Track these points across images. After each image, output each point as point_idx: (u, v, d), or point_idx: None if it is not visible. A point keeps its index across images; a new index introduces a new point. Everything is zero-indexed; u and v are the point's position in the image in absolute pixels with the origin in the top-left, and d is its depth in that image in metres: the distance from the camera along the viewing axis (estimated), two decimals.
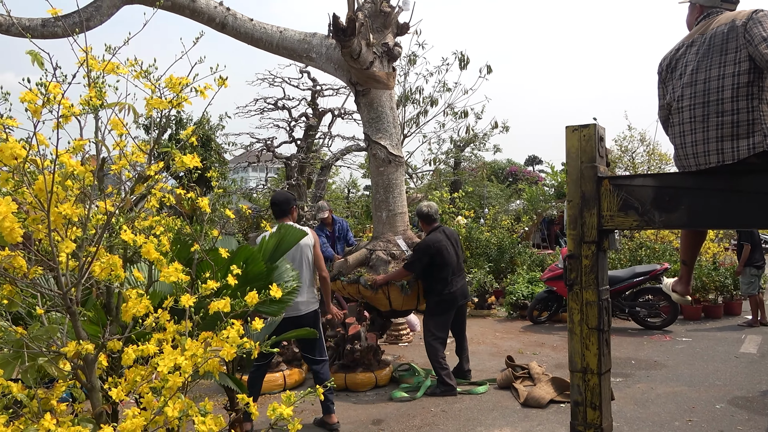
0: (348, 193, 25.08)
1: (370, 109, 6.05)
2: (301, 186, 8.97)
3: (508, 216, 19.93)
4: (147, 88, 2.14)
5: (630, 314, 8.40)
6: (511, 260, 12.32)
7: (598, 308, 2.64)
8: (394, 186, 6.01)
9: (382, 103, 6.04)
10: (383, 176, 6.01)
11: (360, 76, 5.93)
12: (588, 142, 2.69)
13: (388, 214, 5.98)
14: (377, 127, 6.01)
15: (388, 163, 5.97)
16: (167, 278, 1.89)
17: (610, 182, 2.64)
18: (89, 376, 1.72)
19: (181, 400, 1.56)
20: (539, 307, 9.05)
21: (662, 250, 11.01)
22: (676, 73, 2.56)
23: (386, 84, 6.02)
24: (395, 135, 6.07)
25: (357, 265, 5.79)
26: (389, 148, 5.96)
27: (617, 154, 19.31)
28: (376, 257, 5.74)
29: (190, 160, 1.81)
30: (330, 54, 6.24)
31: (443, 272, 5.39)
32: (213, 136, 11.83)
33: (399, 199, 6.03)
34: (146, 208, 2.26)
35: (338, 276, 5.75)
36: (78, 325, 1.72)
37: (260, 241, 3.39)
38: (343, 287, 5.75)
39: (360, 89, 6.04)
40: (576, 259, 2.71)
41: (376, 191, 6.07)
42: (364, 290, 5.55)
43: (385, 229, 5.99)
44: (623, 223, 2.63)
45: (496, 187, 27.59)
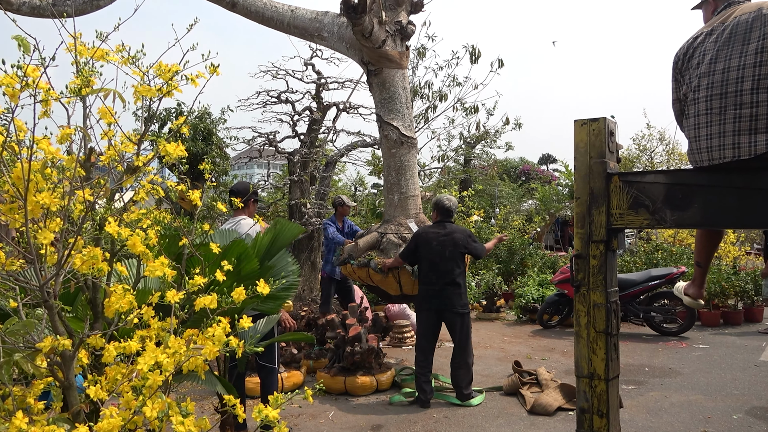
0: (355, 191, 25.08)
1: (382, 89, 6.05)
2: (304, 182, 8.96)
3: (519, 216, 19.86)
4: (136, 75, 2.14)
5: (644, 319, 8.33)
6: (522, 262, 12.28)
7: (606, 311, 2.60)
8: (407, 168, 6.01)
9: (395, 83, 6.03)
10: (395, 158, 6.01)
11: (372, 55, 5.92)
12: (597, 137, 2.65)
13: (400, 197, 5.98)
14: (389, 107, 6.02)
15: (400, 145, 5.97)
16: (152, 273, 1.88)
17: (620, 179, 2.60)
18: (66, 374, 1.70)
19: (161, 400, 1.54)
20: (550, 311, 9.00)
21: (679, 252, 10.92)
22: (693, 62, 2.51)
23: (399, 63, 6.00)
24: (408, 116, 6.07)
25: (367, 249, 5.79)
26: (401, 129, 5.96)
27: (635, 153, 19.18)
28: (387, 240, 5.74)
29: (174, 148, 1.79)
30: (342, 33, 6.24)
31: (422, 265, 5.25)
32: (215, 130, 11.85)
33: (411, 182, 6.03)
34: (136, 201, 2.26)
35: (348, 259, 5.77)
36: (55, 319, 1.70)
37: (237, 230, 3.37)
38: (354, 271, 5.77)
39: (372, 69, 6.04)
40: (583, 259, 2.67)
41: (388, 173, 6.08)
42: (374, 274, 5.55)
43: (396, 212, 5.99)
44: (633, 221, 2.59)
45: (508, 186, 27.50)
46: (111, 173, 2.30)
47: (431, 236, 5.21)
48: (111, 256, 2.10)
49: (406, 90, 6.14)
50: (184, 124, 2.32)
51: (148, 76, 2.12)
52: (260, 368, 4.35)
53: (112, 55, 2.22)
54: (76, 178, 1.95)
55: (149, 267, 1.90)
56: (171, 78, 2.17)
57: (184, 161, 2.26)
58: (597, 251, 2.64)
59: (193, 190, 2.39)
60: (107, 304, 1.88)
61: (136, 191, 2.23)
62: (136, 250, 1.93)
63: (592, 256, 2.65)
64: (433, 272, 5.19)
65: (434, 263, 5.18)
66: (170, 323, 1.85)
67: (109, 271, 1.94)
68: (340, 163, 12.07)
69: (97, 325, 2.12)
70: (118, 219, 2.05)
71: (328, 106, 9.59)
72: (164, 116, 11.50)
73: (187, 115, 2.41)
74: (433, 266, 5.18)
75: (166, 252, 2.32)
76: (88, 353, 1.89)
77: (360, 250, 5.76)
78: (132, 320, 1.79)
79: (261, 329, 3.60)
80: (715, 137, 2.36)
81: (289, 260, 3.27)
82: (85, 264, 1.70)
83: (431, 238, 5.20)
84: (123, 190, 2.37)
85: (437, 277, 5.18)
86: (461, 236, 5.28)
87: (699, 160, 2.43)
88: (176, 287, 2.04)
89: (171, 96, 2.21)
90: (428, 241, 5.19)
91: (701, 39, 2.52)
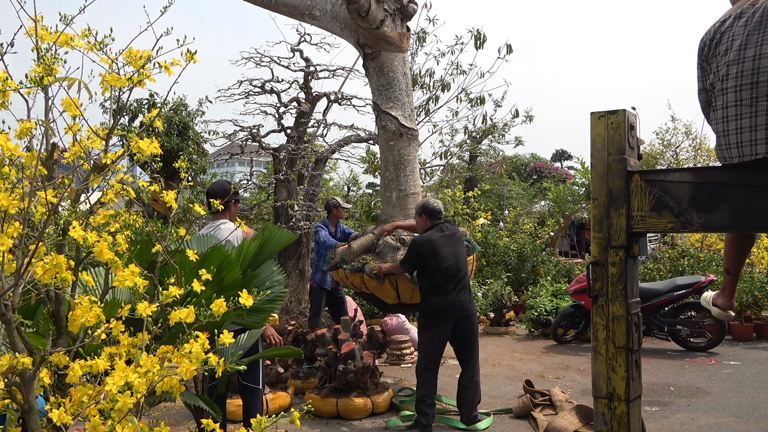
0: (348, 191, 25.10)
1: (379, 74, 6.02)
2: (291, 182, 8.97)
3: (530, 219, 19.91)
4: (104, 63, 2.14)
5: (669, 333, 8.35)
6: (534, 270, 12.31)
7: (626, 324, 2.61)
8: (406, 162, 5.98)
9: (394, 67, 6.01)
10: (393, 151, 5.98)
11: (369, 36, 5.89)
12: (616, 131, 2.67)
13: (398, 194, 5.95)
14: (388, 95, 5.98)
15: (399, 137, 5.94)
16: (122, 283, 1.88)
17: (642, 177, 2.61)
18: (26, 395, 1.70)
19: (132, 425, 1.54)
20: (564, 324, 9.02)
21: (708, 259, 10.97)
22: (721, 48, 2.52)
23: (399, 46, 5.97)
24: (408, 104, 6.03)
25: (362, 252, 5.75)
26: (401, 119, 5.92)
27: (658, 148, 19.27)
28: (383, 243, 5.69)
29: (147, 145, 1.79)
30: (336, 12, 6.22)
31: (436, 278, 5.11)
32: (191, 124, 11.86)
33: (411, 178, 5.99)
34: (104, 202, 2.25)
35: (340, 264, 5.69)
36: (14, 335, 1.70)
37: (217, 236, 3.37)
38: (346, 277, 5.68)
39: (369, 52, 6.01)
40: (601, 267, 2.68)
41: (386, 169, 6.05)
42: (369, 280, 5.48)
43: (395, 211, 5.95)
44: (656, 224, 2.60)
45: (518, 185, 27.58)
46: (76, 172, 2.31)
47: (439, 243, 5.10)
48: (76, 265, 2.10)
49: (406, 76, 6.12)
50: (157, 117, 2.32)
51: (117, 63, 2.12)
52: (243, 389, 4.35)
53: (78, 40, 2.22)
54: (37, 177, 1.95)
55: (118, 276, 1.90)
56: (143, 66, 2.18)
57: (157, 159, 2.26)
58: (616, 258, 2.65)
59: (168, 191, 2.39)
60: (72, 317, 1.88)
61: (103, 192, 2.23)
62: (103, 257, 1.93)
63: (611, 263, 2.66)
64: (451, 281, 5.12)
65: (451, 272, 5.12)
66: (142, 339, 1.85)
67: (73, 281, 1.94)
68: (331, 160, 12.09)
69: (61, 341, 2.12)
70: (83, 223, 2.05)
71: (318, 97, 9.61)
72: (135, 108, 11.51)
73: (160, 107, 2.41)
74: (451, 275, 5.12)
75: (137, 259, 2.32)
76: (50, 372, 1.89)
77: (353, 254, 5.72)
78: (99, 336, 1.79)
79: (243, 345, 3.60)
80: (745, 131, 2.37)
81: (274, 269, 3.27)
82: (48, 273, 1.70)
83: (439, 245, 5.10)
84: (89, 190, 2.38)
85: (455, 284, 5.14)
86: (460, 233, 5.41)
87: (728, 157, 2.45)
88: (149, 299, 2.04)
89: (143, 86, 2.21)
90: (437, 249, 5.08)
91: (729, 23, 2.53)
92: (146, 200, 2.29)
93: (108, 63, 2.09)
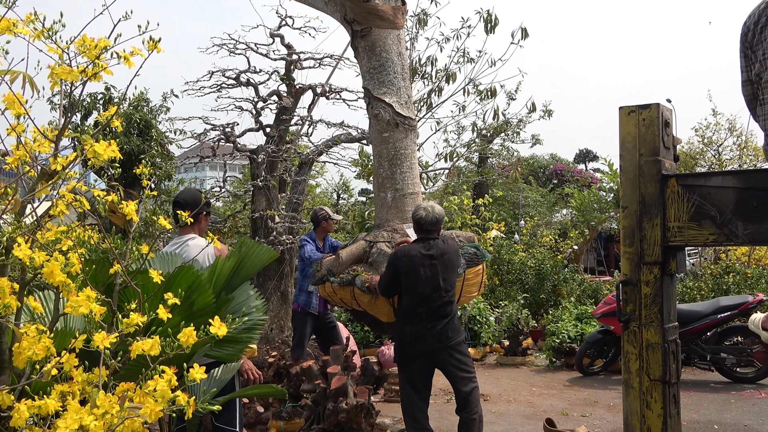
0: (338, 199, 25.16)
1: (371, 55, 5.99)
2: (271, 188, 8.98)
3: (550, 230, 19.96)
4: (53, 53, 2.15)
5: (713, 362, 8.36)
6: (554, 290, 12.33)
7: (662, 352, 2.62)
8: (403, 157, 5.91)
9: (387, 47, 5.98)
10: (388, 144, 5.92)
11: (357, 11, 5.87)
12: (649, 129, 2.69)
13: (394, 194, 5.87)
14: (380, 78, 5.94)
15: (394, 127, 5.88)
16: (75, 309, 1.88)
17: (679, 182, 2.63)
18: None
19: None
20: (591, 353, 9.02)
21: (756, 276, 11.01)
22: (767, 33, 2.55)
23: (392, 22, 5.96)
24: (404, 89, 6.00)
25: (352, 262, 5.64)
26: (396, 107, 5.87)
27: (698, 147, 19.38)
28: (377, 251, 5.58)
29: (103, 148, 1.80)
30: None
31: (406, 300, 5.00)
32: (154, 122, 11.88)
33: (409, 175, 5.91)
34: (53, 215, 2.26)
35: (327, 277, 5.59)
36: None
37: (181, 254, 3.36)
38: (334, 292, 5.58)
39: (357, 29, 5.98)
40: (633, 287, 2.70)
41: (379, 165, 5.97)
42: (361, 294, 5.38)
43: (390, 214, 5.86)
44: (696, 237, 2.62)
45: (535, 191, 27.70)
46: (21, 180, 2.31)
47: (417, 261, 4.96)
48: (21, 288, 2.10)
49: (402, 56, 6.10)
50: (115, 115, 2.33)
51: (68, 53, 2.14)
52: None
53: (22, 26, 2.24)
54: None
55: (71, 302, 1.90)
56: (98, 56, 2.19)
57: (116, 164, 2.27)
58: (650, 276, 2.66)
59: (127, 201, 2.40)
60: (17, 350, 1.88)
61: (53, 203, 2.24)
62: (54, 279, 1.94)
63: (644, 282, 2.67)
64: (424, 306, 4.98)
65: (424, 296, 4.97)
66: (99, 375, 1.84)
67: (18, 308, 1.94)
68: (318, 163, 12.13)
69: (3, 377, 2.11)
70: (29, 239, 2.06)
71: (302, 90, 9.64)
72: (89, 104, 11.54)
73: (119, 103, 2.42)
74: (424, 299, 4.98)
75: (93, 282, 2.32)
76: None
77: (342, 264, 5.62)
78: (49, 371, 1.79)
79: (217, 381, 3.60)
80: None
81: (251, 293, 3.27)
82: None
83: (417, 263, 4.96)
84: (36, 201, 2.38)
85: (429, 312, 4.98)
86: (455, 256, 5.18)
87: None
88: (106, 328, 2.04)
89: (98, 79, 2.23)
90: (415, 268, 4.95)
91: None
92: (103, 212, 2.30)
93: (58, 53, 2.10)
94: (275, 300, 8.93)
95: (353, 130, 10.09)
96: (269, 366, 7.04)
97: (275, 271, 8.95)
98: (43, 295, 2.81)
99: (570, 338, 9.58)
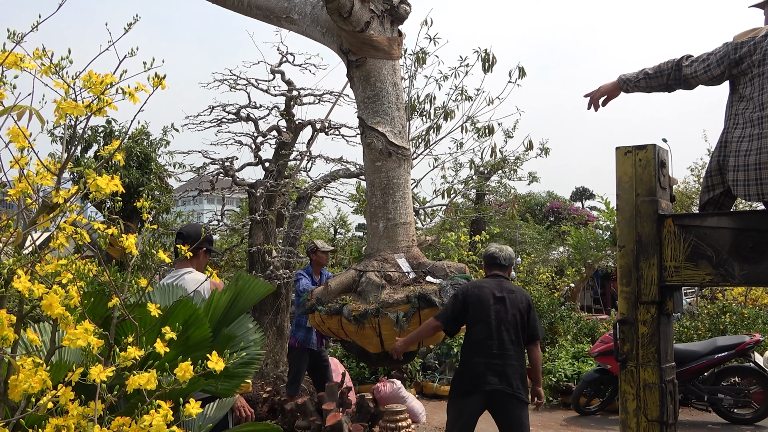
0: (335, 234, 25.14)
1: (365, 84, 6.03)
2: (269, 223, 8.99)
3: (547, 267, 19.94)
4: (59, 88, 2.18)
5: (710, 403, 8.30)
6: (551, 327, 12.27)
7: (660, 393, 2.61)
8: (396, 186, 5.92)
9: (382, 77, 6.02)
10: (380, 173, 5.92)
11: (352, 41, 5.92)
12: (645, 169, 2.72)
13: (386, 224, 5.85)
14: (374, 108, 5.97)
15: (387, 156, 5.89)
16: (73, 342, 1.87)
17: (675, 222, 2.65)
18: None
19: None
20: (588, 392, 8.95)
21: (753, 316, 10.98)
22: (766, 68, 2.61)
23: (387, 52, 6.00)
24: (398, 119, 6.03)
25: (341, 291, 5.62)
26: (389, 136, 5.89)
27: (694, 187, 19.44)
28: (366, 280, 5.56)
29: (106, 182, 1.81)
30: (316, 14, 6.28)
31: (473, 332, 4.96)
32: (153, 155, 11.90)
33: (401, 204, 5.91)
34: (53, 247, 2.26)
35: (316, 306, 5.58)
36: None
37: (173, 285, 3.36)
38: (322, 321, 5.57)
39: (353, 59, 6.04)
40: (630, 326, 2.70)
41: (372, 194, 5.99)
42: (348, 324, 5.37)
43: (381, 244, 5.84)
44: (693, 277, 2.63)
45: (532, 228, 27.73)
46: (23, 212, 2.32)
47: (486, 292, 4.98)
48: (18, 320, 2.10)
49: (396, 86, 6.14)
50: (118, 149, 2.35)
51: (74, 88, 2.16)
52: None
53: (29, 61, 2.27)
54: None
55: (69, 335, 1.89)
56: (103, 91, 2.22)
57: (117, 197, 2.28)
58: (647, 315, 2.67)
59: (127, 234, 2.40)
60: (12, 383, 1.87)
61: (53, 235, 2.24)
62: (52, 312, 1.93)
63: (641, 321, 2.68)
64: (493, 339, 4.87)
65: (495, 328, 4.89)
66: (95, 409, 1.83)
67: (15, 340, 1.93)
68: (316, 197, 12.15)
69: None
70: (28, 271, 2.06)
71: (302, 126, 9.70)
72: (89, 137, 11.59)
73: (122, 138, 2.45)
74: (495, 331, 4.88)
75: (90, 315, 2.31)
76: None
77: (331, 293, 5.60)
78: (45, 404, 1.78)
79: (211, 417, 3.56)
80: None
81: (250, 326, 3.26)
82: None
83: (486, 294, 4.96)
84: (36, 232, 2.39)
85: (499, 347, 4.86)
86: (524, 298, 5.10)
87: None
88: (103, 361, 2.03)
89: (103, 114, 2.25)
90: (483, 298, 4.95)
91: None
92: (104, 246, 2.30)
93: (64, 88, 2.12)
94: (271, 335, 8.87)
95: (351, 165, 10.14)
96: (264, 401, 6.98)
97: (271, 305, 8.91)
98: (38, 326, 2.80)
99: (567, 377, 9.51)
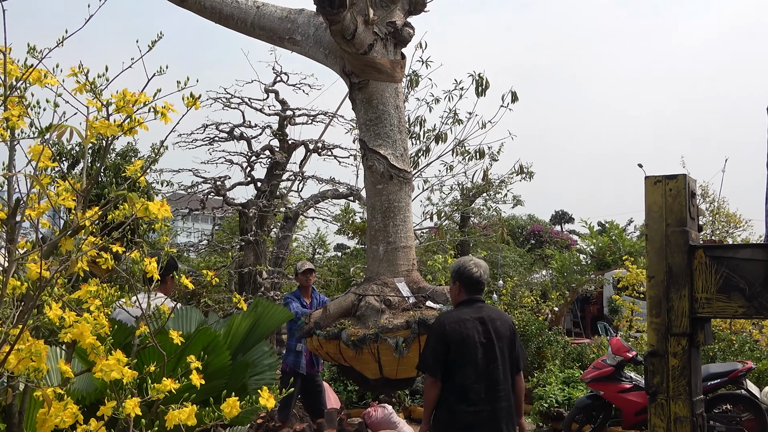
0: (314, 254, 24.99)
1: (367, 107, 5.99)
2: (261, 243, 8.90)
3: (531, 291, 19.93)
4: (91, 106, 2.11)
5: None
6: (539, 352, 12.22)
7: (691, 426, 2.57)
8: (396, 210, 5.86)
9: (384, 99, 5.99)
10: (381, 196, 5.87)
11: (355, 63, 5.91)
12: (676, 199, 2.69)
13: (387, 247, 5.79)
14: (376, 130, 5.94)
15: (388, 179, 5.83)
16: (106, 375, 1.78)
17: (707, 254, 2.62)
18: None
19: None
20: (580, 419, 8.88)
21: (739, 342, 11.01)
22: None
23: (390, 74, 5.98)
24: (400, 142, 6.00)
25: (340, 315, 5.56)
26: (391, 159, 5.85)
27: None
28: (365, 305, 5.49)
29: (157, 207, 1.74)
30: (319, 36, 6.27)
31: (459, 375, 4.24)
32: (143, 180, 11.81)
33: (402, 228, 5.86)
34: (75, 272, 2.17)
35: (314, 330, 5.50)
36: None
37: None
38: (320, 345, 5.49)
39: (355, 81, 6.02)
40: (660, 358, 2.66)
41: (372, 217, 5.94)
42: (346, 349, 5.28)
43: (381, 268, 5.78)
44: (725, 309, 2.60)
45: (514, 251, 27.74)
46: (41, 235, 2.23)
47: (469, 327, 4.25)
48: None
49: (399, 109, 6.12)
50: (144, 171, 2.28)
51: (107, 107, 2.09)
52: None
53: (51, 78, 2.20)
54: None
55: (102, 365, 1.81)
56: (134, 111, 2.15)
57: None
58: (678, 347, 2.62)
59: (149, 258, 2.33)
60: (41, 416, 1.77)
61: (72, 259, 2.16)
62: (83, 341, 1.85)
63: (672, 353, 2.63)
64: (481, 382, 4.21)
65: (483, 369, 4.23)
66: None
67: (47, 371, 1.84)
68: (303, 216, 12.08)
69: None
70: (58, 298, 1.97)
71: (295, 146, 9.66)
72: (77, 153, 11.44)
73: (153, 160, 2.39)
74: (483, 372, 4.23)
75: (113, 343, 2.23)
76: None
77: (329, 317, 5.54)
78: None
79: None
80: None
81: (266, 349, 3.19)
82: (23, 363, 1.61)
83: (470, 331, 4.24)
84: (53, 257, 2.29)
85: (488, 389, 4.22)
86: (507, 325, 4.45)
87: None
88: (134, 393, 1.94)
89: (134, 134, 2.19)
90: (466, 335, 4.23)
91: None
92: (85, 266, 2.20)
93: (97, 107, 2.05)
94: None
95: (342, 186, 10.11)
96: (258, 427, 6.84)
97: None
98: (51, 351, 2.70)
99: (558, 402, 9.43)
